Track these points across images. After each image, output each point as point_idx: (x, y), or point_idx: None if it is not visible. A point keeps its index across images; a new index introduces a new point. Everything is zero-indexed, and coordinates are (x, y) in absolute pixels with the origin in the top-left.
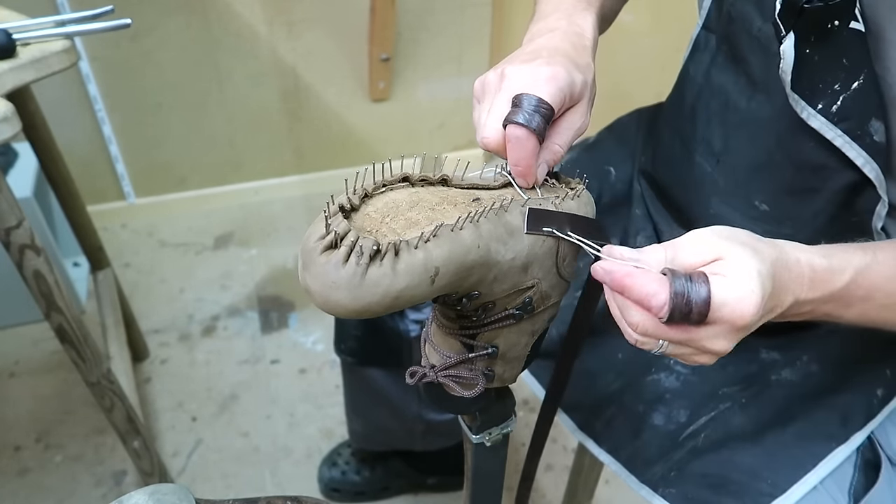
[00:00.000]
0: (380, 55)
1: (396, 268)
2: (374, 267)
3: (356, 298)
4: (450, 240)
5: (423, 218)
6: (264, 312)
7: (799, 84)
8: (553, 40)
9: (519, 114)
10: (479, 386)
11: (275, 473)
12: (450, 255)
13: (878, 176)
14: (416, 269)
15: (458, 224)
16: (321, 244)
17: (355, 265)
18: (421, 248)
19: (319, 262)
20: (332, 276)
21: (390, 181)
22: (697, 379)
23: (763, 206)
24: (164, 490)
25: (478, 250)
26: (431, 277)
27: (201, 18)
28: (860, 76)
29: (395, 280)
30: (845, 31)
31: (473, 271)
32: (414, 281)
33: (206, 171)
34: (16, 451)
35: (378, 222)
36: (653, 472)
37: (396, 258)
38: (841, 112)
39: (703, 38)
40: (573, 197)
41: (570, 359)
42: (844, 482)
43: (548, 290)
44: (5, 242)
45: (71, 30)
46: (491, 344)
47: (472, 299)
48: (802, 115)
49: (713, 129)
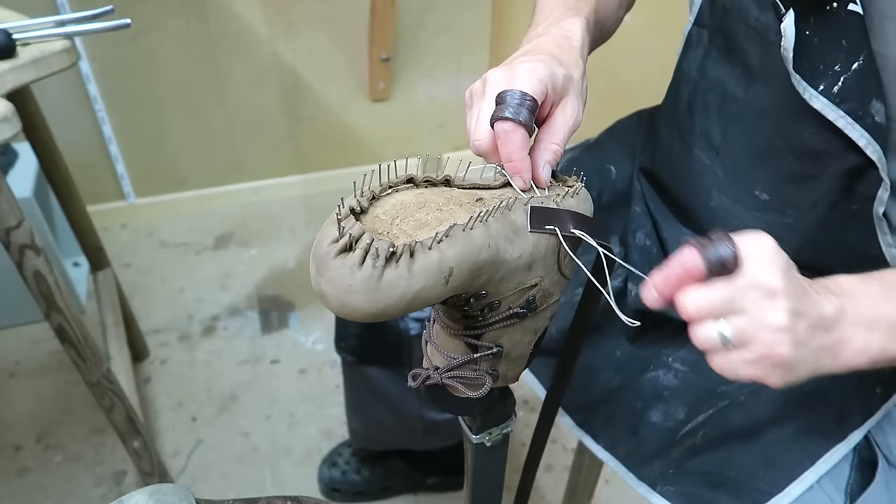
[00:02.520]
0: (380, 55)
1: (412, 269)
2: (390, 269)
3: (373, 301)
4: (462, 240)
5: (432, 219)
6: (264, 312)
7: (800, 66)
8: (538, 44)
9: (504, 109)
10: (486, 386)
11: (275, 473)
12: (463, 255)
13: (880, 157)
14: (432, 270)
15: (470, 224)
16: (335, 248)
17: (371, 268)
18: (435, 249)
19: (335, 267)
20: (348, 280)
21: (396, 183)
22: (696, 377)
23: (763, 195)
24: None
25: (488, 249)
26: (446, 278)
27: (201, 18)
28: (860, 57)
29: (411, 281)
30: (844, 11)
31: (484, 270)
32: (430, 282)
33: (206, 171)
34: (16, 451)
35: (388, 224)
36: (651, 469)
37: (412, 259)
38: (842, 93)
39: (696, 34)
40: (572, 195)
41: (572, 360)
42: (841, 481)
43: (550, 288)
44: (5, 242)
45: (71, 30)
46: (496, 343)
47: (479, 299)
48: (805, 96)
49: (711, 122)
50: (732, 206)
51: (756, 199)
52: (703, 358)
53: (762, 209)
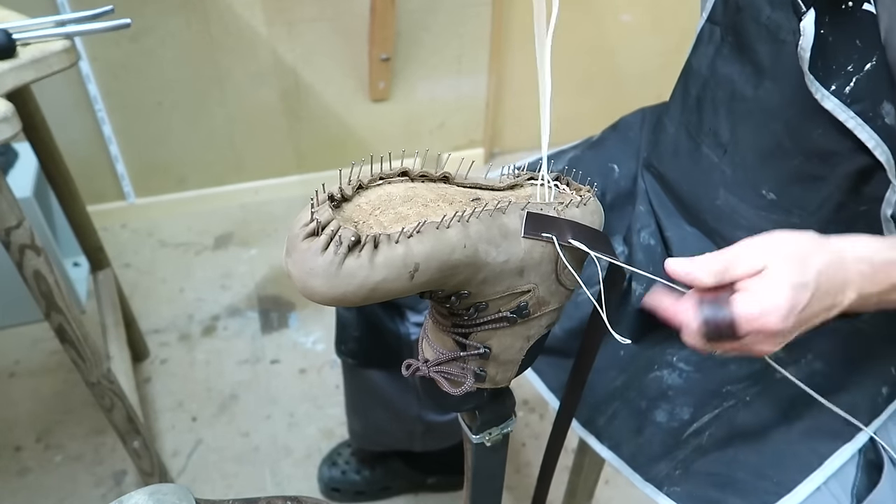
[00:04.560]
0: (380, 55)
1: (374, 260)
2: (351, 258)
3: (332, 287)
4: (434, 237)
5: (413, 213)
6: (264, 312)
7: (813, 66)
8: None
9: None
10: (466, 384)
11: (275, 473)
12: (432, 252)
13: (888, 159)
14: (395, 263)
15: (445, 222)
16: (304, 231)
17: (333, 254)
18: (402, 243)
19: (300, 248)
20: (310, 263)
21: (388, 174)
22: (700, 376)
23: (770, 195)
24: (164, 490)
25: (464, 250)
26: (411, 273)
27: (201, 18)
28: (873, 58)
29: (372, 272)
30: (859, 11)
31: (459, 270)
32: (392, 274)
33: (206, 171)
34: (16, 451)
35: (367, 214)
36: (657, 469)
37: (375, 251)
38: (854, 93)
39: (708, 31)
40: (578, 205)
41: (586, 369)
42: (847, 482)
43: (545, 296)
44: (5, 242)
45: (71, 30)
46: (484, 344)
47: (461, 298)
48: (817, 97)
49: (720, 120)
50: (739, 205)
51: (763, 199)
52: (708, 358)
53: (769, 208)
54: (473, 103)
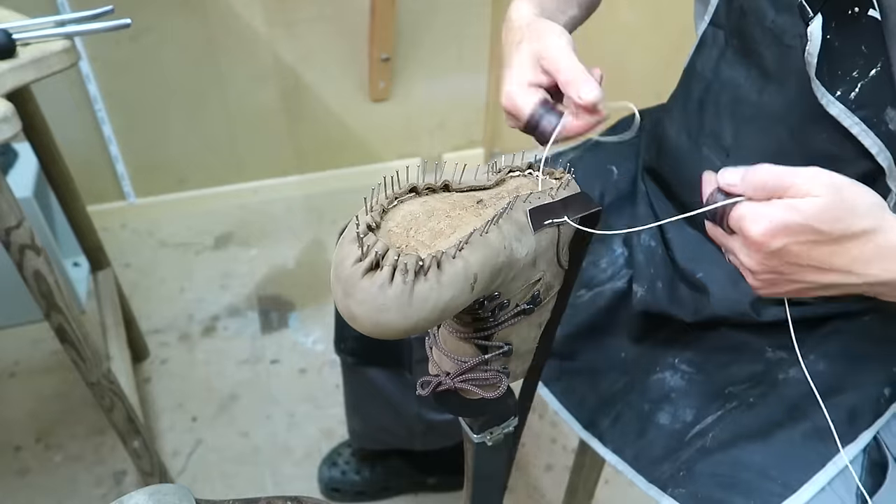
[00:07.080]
0: (380, 55)
1: (441, 280)
2: (420, 283)
3: (406, 317)
4: (482, 244)
5: (444, 226)
6: (264, 312)
7: (819, 71)
8: None
9: None
10: (502, 385)
11: (275, 473)
12: (485, 260)
13: (890, 165)
14: (459, 279)
15: (485, 228)
16: (360, 267)
17: (402, 283)
18: (459, 257)
19: (363, 287)
20: (380, 300)
21: (400, 193)
22: (703, 378)
23: None
24: (164, 490)
25: (504, 251)
26: (472, 284)
27: (201, 18)
28: (878, 64)
29: (441, 293)
30: (864, 17)
31: (501, 272)
32: (458, 290)
33: (206, 171)
34: (16, 451)
35: (404, 237)
36: (661, 471)
37: (440, 270)
38: (859, 99)
39: (711, 34)
40: (563, 187)
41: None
42: (852, 483)
43: (551, 281)
44: (5, 242)
45: (71, 30)
46: (505, 342)
47: (491, 300)
48: (822, 102)
49: (723, 123)
50: None
51: None
52: (709, 359)
53: None
54: (473, 103)
